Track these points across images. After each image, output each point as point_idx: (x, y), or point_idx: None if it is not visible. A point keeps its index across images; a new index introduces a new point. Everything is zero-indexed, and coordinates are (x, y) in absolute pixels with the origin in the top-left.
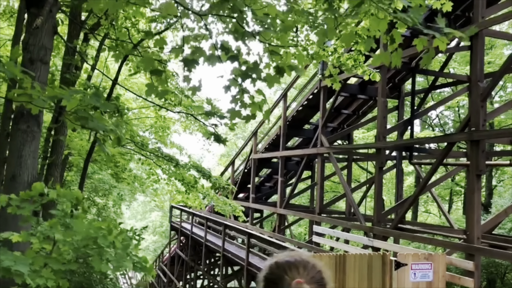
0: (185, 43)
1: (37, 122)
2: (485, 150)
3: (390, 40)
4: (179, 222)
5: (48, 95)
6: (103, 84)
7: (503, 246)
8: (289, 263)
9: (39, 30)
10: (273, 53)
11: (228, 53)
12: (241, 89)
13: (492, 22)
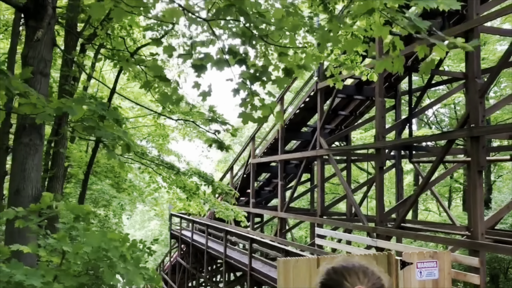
0: (192, 49)
1: (39, 135)
2: (485, 146)
3: (392, 47)
4: (179, 230)
5: (53, 106)
6: (99, 94)
7: (507, 241)
8: (348, 269)
9: (38, 43)
10: (282, 55)
11: (236, 57)
12: (251, 92)
13: (487, 18)
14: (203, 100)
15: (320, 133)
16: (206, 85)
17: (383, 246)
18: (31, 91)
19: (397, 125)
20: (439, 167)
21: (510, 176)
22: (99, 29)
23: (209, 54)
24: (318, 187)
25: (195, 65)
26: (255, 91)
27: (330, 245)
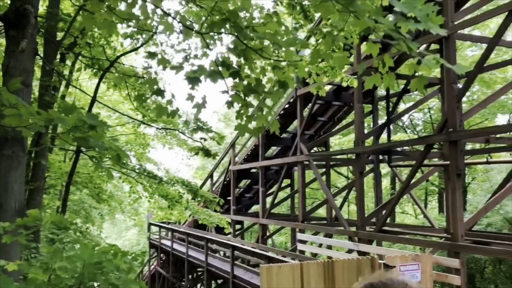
0: (185, 61)
1: (22, 147)
2: (463, 150)
3: (382, 64)
4: (158, 239)
5: (43, 118)
6: (77, 103)
7: (485, 242)
8: (388, 286)
9: (19, 53)
10: (276, 68)
11: (229, 69)
12: (245, 103)
13: (462, 26)
14: (197, 113)
15: (300, 139)
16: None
17: (365, 250)
18: (21, 103)
19: (375, 130)
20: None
21: (485, 178)
22: (79, 38)
23: (203, 66)
24: (299, 193)
25: (189, 78)
26: (250, 103)
27: (312, 250)
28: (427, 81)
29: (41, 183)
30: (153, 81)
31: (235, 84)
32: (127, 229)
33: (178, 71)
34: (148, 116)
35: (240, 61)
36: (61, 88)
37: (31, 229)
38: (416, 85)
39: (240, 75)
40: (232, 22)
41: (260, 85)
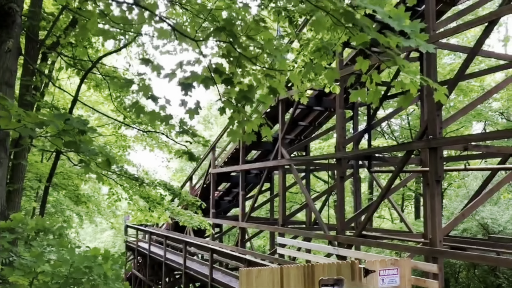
0: (178, 67)
1: (4, 148)
2: (442, 157)
3: (370, 80)
4: (135, 241)
5: (34, 120)
6: (55, 103)
7: (462, 247)
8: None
9: (3, 53)
10: (268, 76)
11: (222, 76)
12: (237, 109)
13: (443, 35)
14: (190, 118)
15: (281, 143)
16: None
17: (344, 254)
18: (11, 104)
19: (356, 135)
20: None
21: (461, 184)
22: (62, 38)
23: (196, 72)
24: (280, 197)
25: (183, 84)
26: (242, 108)
27: (292, 254)
28: (413, 98)
29: (20, 184)
30: (147, 87)
31: (226, 90)
32: (102, 231)
33: (171, 78)
34: (129, 118)
35: (233, 68)
36: (41, 88)
37: (16, 233)
38: (403, 102)
39: (232, 82)
40: (228, 30)
41: (252, 92)
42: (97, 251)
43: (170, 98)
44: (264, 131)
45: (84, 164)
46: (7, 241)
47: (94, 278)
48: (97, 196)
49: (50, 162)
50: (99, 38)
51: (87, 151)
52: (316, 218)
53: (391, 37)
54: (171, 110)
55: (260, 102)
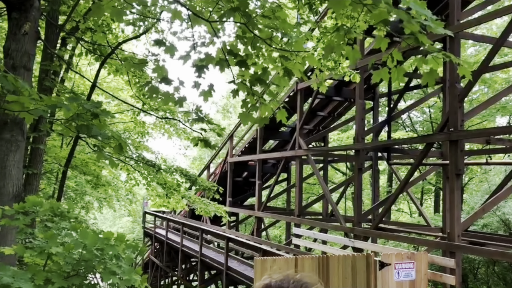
0: (192, 49)
1: (21, 131)
2: (463, 150)
3: (391, 58)
4: (153, 228)
5: (48, 103)
6: (75, 89)
7: (481, 242)
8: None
9: (21, 36)
10: (283, 57)
11: (236, 58)
12: (251, 92)
13: (468, 25)
14: (204, 100)
15: (299, 133)
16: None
17: (360, 246)
18: (25, 87)
19: (375, 127)
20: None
21: (482, 179)
22: (81, 23)
23: (210, 54)
24: (296, 187)
25: (197, 66)
26: (256, 91)
27: (307, 245)
28: (438, 75)
29: (39, 168)
30: (161, 69)
31: (240, 72)
32: (120, 217)
33: (186, 60)
34: (148, 104)
35: (248, 49)
36: (61, 73)
37: (30, 215)
38: (427, 79)
39: (247, 64)
40: (242, 11)
41: (266, 74)
42: (111, 234)
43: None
44: (279, 114)
45: (97, 149)
46: (23, 223)
47: (106, 260)
48: (116, 182)
49: (69, 148)
50: (118, 25)
51: (99, 135)
52: (333, 210)
53: (410, 18)
54: (186, 95)
55: (274, 84)
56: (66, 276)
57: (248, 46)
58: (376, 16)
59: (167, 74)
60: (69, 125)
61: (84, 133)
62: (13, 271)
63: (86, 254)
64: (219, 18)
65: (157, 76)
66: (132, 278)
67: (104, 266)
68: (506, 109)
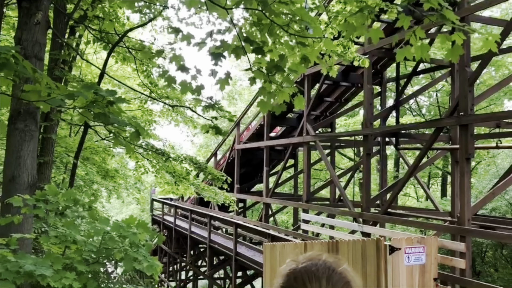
0: (208, 36)
1: (34, 121)
2: (473, 134)
3: (414, 36)
4: (161, 215)
5: (62, 92)
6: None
7: (490, 226)
8: (310, 273)
9: (32, 25)
10: (301, 44)
11: (253, 45)
12: (268, 79)
13: (479, 7)
14: (221, 89)
15: (306, 119)
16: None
17: (369, 231)
18: (41, 76)
19: (384, 112)
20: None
21: (490, 162)
22: (89, 11)
23: (226, 41)
24: (305, 173)
25: (213, 53)
26: (274, 79)
27: (315, 230)
28: (463, 51)
29: (50, 157)
30: (179, 57)
31: (257, 60)
32: (127, 205)
33: (201, 47)
34: (155, 92)
35: (265, 36)
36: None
37: (50, 204)
38: (451, 55)
39: (263, 51)
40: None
41: (284, 61)
42: (133, 220)
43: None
44: (297, 101)
45: (114, 136)
46: (43, 211)
47: (126, 248)
48: (124, 170)
49: (78, 137)
50: (124, 12)
51: (117, 122)
52: (341, 195)
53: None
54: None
55: (291, 71)
56: (87, 263)
57: (265, 33)
58: None
59: (184, 63)
60: (86, 113)
61: (101, 121)
62: (34, 259)
63: (109, 241)
64: (235, 5)
65: (175, 64)
66: (154, 265)
67: (125, 253)
68: None
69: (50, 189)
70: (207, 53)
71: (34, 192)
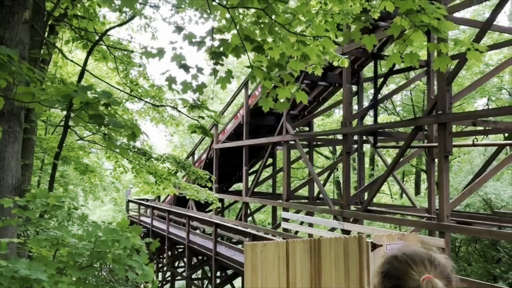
0: (208, 34)
1: (19, 122)
2: (451, 132)
3: (409, 42)
4: (137, 216)
5: (57, 93)
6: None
7: (467, 221)
8: (413, 258)
9: (15, 24)
10: (301, 42)
11: (253, 44)
12: (269, 77)
13: (455, 8)
14: (222, 88)
15: (286, 119)
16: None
17: (349, 228)
18: (41, 76)
19: (362, 111)
20: (393, 151)
21: (464, 160)
22: (69, 9)
23: (226, 40)
24: (284, 172)
25: (214, 52)
26: (274, 76)
27: (297, 229)
28: (451, 61)
29: (31, 159)
30: (180, 56)
31: (257, 58)
32: (100, 206)
33: (201, 47)
34: (136, 91)
35: (265, 34)
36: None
37: (42, 206)
38: (439, 64)
39: (263, 49)
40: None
41: (284, 59)
42: (125, 223)
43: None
44: (298, 96)
45: (108, 138)
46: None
47: (119, 253)
48: (99, 170)
49: (54, 136)
50: (100, 10)
51: (113, 124)
52: (321, 193)
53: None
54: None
55: (291, 69)
56: (80, 267)
57: (265, 31)
58: (402, 5)
59: (185, 61)
60: (81, 115)
61: (97, 123)
62: (27, 263)
63: (101, 245)
64: (237, 4)
65: (176, 64)
66: (148, 274)
67: (119, 257)
68: (485, 91)
69: (41, 191)
70: (204, 52)
71: (19, 195)
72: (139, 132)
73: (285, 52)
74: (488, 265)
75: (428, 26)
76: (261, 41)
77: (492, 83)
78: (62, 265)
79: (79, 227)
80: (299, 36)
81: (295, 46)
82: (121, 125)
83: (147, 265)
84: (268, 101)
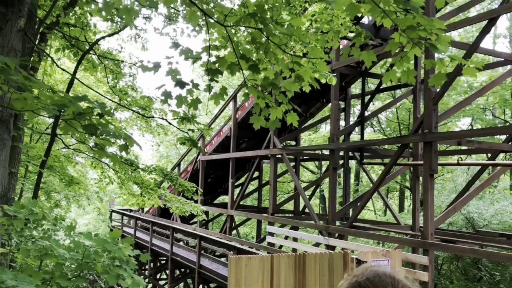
0: (204, 51)
1: (7, 129)
2: (437, 151)
3: (406, 59)
4: (120, 226)
5: (53, 102)
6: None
7: (450, 240)
8: (375, 284)
9: (8, 31)
10: (296, 63)
11: (248, 62)
12: (262, 96)
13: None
14: (215, 104)
15: (273, 132)
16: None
17: (334, 244)
18: (37, 85)
19: (349, 127)
20: (378, 168)
21: (447, 178)
22: (61, 17)
23: (222, 58)
24: (271, 186)
25: (210, 69)
26: (267, 96)
27: (281, 243)
28: (446, 78)
29: (16, 167)
30: (175, 71)
31: (251, 76)
32: (83, 215)
33: (195, 61)
34: (125, 100)
35: (260, 54)
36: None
37: (32, 215)
38: (435, 81)
39: (258, 68)
40: (259, 16)
41: (278, 79)
42: (118, 233)
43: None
44: (289, 117)
45: (99, 148)
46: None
47: (109, 263)
48: (84, 179)
49: (39, 144)
50: (91, 19)
51: (107, 134)
52: (307, 208)
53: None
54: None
55: (285, 89)
56: (70, 277)
57: (261, 51)
58: (402, 22)
59: (180, 76)
60: (74, 124)
61: (90, 133)
62: (13, 274)
63: (93, 255)
64: (234, 23)
65: (171, 78)
66: (139, 283)
67: (109, 268)
68: (468, 111)
69: (30, 201)
70: (200, 67)
71: (5, 203)
72: (132, 143)
73: (279, 72)
74: (470, 284)
75: (426, 44)
76: (257, 59)
77: (476, 103)
78: (48, 276)
79: (66, 237)
80: (294, 57)
81: (290, 66)
82: (115, 135)
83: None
84: (260, 119)
